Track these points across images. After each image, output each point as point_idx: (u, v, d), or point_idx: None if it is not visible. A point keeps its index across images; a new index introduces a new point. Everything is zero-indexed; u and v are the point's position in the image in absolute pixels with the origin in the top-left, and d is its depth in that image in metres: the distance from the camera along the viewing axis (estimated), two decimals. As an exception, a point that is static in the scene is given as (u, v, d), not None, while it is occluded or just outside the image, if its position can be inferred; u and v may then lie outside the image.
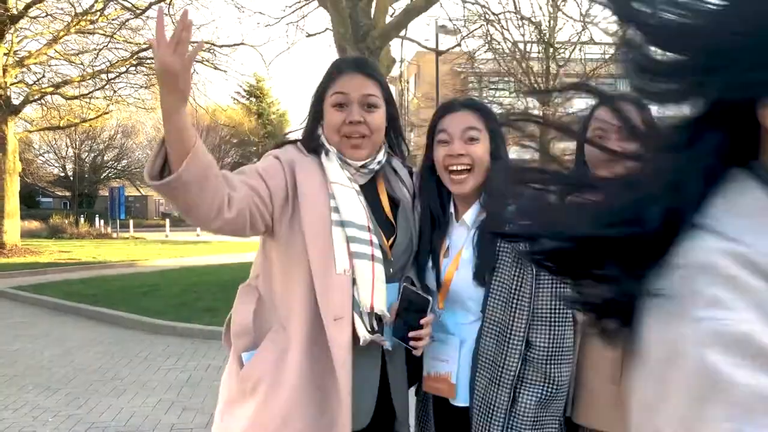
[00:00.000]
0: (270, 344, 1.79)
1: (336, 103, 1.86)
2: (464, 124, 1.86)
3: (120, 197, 28.59)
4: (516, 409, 1.74)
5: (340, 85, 1.86)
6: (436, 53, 16.67)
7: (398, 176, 2.01)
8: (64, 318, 9.17)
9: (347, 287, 1.77)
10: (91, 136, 39.55)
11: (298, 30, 14.09)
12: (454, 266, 1.88)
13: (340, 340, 1.74)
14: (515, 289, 1.75)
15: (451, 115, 1.90)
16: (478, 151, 1.84)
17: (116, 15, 16.52)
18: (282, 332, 1.79)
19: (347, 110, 1.85)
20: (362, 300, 1.77)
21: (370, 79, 1.88)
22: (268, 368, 1.76)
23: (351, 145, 1.86)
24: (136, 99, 20.66)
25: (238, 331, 1.84)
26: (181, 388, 5.68)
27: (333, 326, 1.74)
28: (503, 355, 1.75)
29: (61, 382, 5.92)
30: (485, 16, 13.89)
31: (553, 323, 1.74)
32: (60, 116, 20.21)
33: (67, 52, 17.80)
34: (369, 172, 1.92)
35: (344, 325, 1.76)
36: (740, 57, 0.55)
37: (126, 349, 7.22)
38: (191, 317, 8.29)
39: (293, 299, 1.78)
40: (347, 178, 1.86)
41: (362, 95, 1.85)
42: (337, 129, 1.85)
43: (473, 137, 1.84)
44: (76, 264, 14.84)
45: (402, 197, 1.98)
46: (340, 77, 1.88)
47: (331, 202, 1.81)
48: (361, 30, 8.63)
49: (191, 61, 1.49)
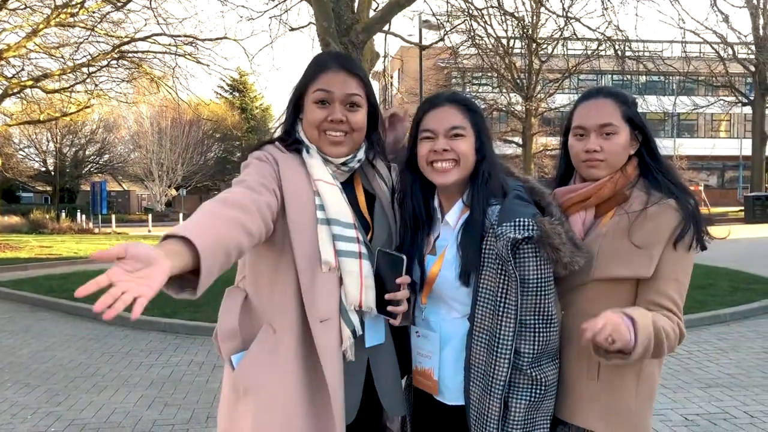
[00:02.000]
0: (258, 347, 1.78)
1: (318, 100, 1.84)
2: (449, 121, 1.85)
3: (102, 192, 28.36)
4: (508, 416, 1.75)
5: (324, 82, 1.84)
6: (419, 48, 16.64)
7: (376, 170, 2.00)
8: (45, 314, 9.08)
9: (334, 287, 1.76)
10: (72, 131, 39.15)
11: (281, 24, 13.99)
12: (438, 265, 1.88)
13: (326, 341, 1.73)
14: (501, 297, 1.74)
15: (435, 111, 1.89)
16: (462, 146, 1.83)
17: (97, 8, 16.31)
18: (271, 333, 1.77)
19: (329, 108, 1.83)
20: (350, 297, 1.76)
21: (354, 77, 1.86)
22: (258, 371, 1.75)
23: (330, 141, 1.84)
24: (117, 93, 20.43)
25: (224, 336, 1.83)
26: (164, 384, 5.64)
27: (319, 328, 1.73)
28: (493, 364, 1.75)
29: (41, 378, 5.86)
30: (468, 11, 13.88)
31: (539, 330, 1.73)
32: (40, 110, 19.94)
33: (47, 45, 17.56)
34: (349, 170, 1.91)
35: (331, 326, 1.75)
36: None
37: (107, 344, 7.16)
38: (174, 312, 8.24)
39: (281, 300, 1.77)
40: (330, 175, 1.84)
41: (345, 94, 1.84)
42: (316, 125, 1.84)
43: (458, 134, 1.84)
44: (57, 259, 14.67)
45: (379, 192, 1.97)
46: (323, 74, 1.85)
47: (316, 199, 1.79)
48: (344, 24, 8.60)
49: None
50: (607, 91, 1.95)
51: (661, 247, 1.75)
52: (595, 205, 1.88)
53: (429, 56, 23.28)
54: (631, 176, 1.88)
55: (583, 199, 1.88)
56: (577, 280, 1.81)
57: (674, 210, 1.76)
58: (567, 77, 26.40)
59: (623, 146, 1.88)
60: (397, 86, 31.26)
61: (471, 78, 27.69)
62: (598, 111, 1.89)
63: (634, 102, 1.94)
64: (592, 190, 1.87)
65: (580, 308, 1.83)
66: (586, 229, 1.88)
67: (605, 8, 12.99)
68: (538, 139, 31.31)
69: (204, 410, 4.89)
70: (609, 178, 1.86)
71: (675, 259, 1.76)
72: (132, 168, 44.67)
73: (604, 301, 1.77)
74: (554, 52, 23.14)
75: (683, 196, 1.80)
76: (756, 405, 4.87)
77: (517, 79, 26.31)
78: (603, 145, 1.86)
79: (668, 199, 1.78)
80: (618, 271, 1.78)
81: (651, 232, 1.76)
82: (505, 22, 19.51)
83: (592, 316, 1.62)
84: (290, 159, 1.84)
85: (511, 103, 27.50)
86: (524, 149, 27.38)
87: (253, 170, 1.77)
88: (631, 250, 1.76)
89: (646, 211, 1.78)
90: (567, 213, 1.89)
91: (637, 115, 1.91)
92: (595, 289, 1.81)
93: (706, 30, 24.30)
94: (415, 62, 20.29)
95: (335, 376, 1.74)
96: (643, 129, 1.91)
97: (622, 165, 1.88)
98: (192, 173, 44.26)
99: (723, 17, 23.93)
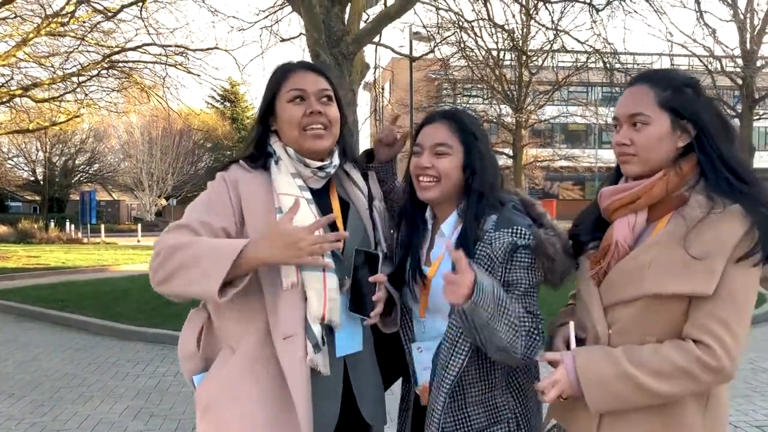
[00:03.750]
0: (217, 368, 1.79)
1: (293, 98, 1.87)
2: (435, 139, 1.89)
3: (91, 201, 28.22)
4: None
5: (295, 82, 1.88)
6: (410, 59, 16.72)
7: (350, 178, 2.01)
8: (31, 324, 9.01)
9: (297, 303, 1.75)
10: (62, 140, 38.93)
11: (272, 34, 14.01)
12: (432, 273, 1.90)
13: (291, 357, 1.72)
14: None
15: (428, 126, 1.94)
16: (444, 165, 1.86)
17: (87, 17, 16.28)
18: (230, 354, 1.78)
19: (306, 103, 1.86)
20: (313, 312, 1.75)
21: (322, 76, 1.92)
22: (215, 392, 1.75)
23: (313, 135, 1.86)
24: (107, 102, 20.34)
25: (183, 356, 1.86)
26: (150, 395, 5.61)
27: (282, 345, 1.73)
28: (449, 357, 1.77)
29: (26, 389, 5.82)
30: (459, 23, 13.96)
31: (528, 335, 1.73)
32: (29, 119, 19.84)
33: (36, 54, 17.49)
34: (325, 175, 1.92)
35: (297, 342, 1.73)
36: None
37: (94, 355, 7.12)
38: (162, 323, 8.20)
39: (245, 319, 1.77)
40: (298, 187, 1.84)
41: (318, 89, 1.89)
42: (297, 122, 1.85)
43: (441, 153, 1.87)
44: (45, 269, 14.57)
45: (355, 199, 1.98)
46: (292, 75, 1.89)
47: (278, 216, 1.78)
48: (334, 35, 8.63)
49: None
50: (647, 75, 1.71)
51: (724, 260, 1.50)
52: (647, 208, 1.65)
53: (420, 68, 23.37)
54: (688, 175, 1.62)
55: (631, 201, 1.65)
56: (624, 294, 1.62)
57: (740, 216, 1.50)
58: (557, 89, 26.54)
59: (658, 138, 1.62)
60: (388, 97, 31.33)
61: (462, 89, 27.78)
62: (630, 99, 1.67)
63: (685, 85, 1.66)
64: (641, 190, 1.63)
65: (625, 327, 1.63)
66: (637, 234, 1.65)
67: (594, 21, 13.18)
68: (529, 151, 31.41)
69: (190, 421, 4.86)
70: (661, 176, 1.62)
71: (736, 276, 1.51)
72: (122, 177, 44.46)
73: (652, 321, 1.59)
74: (544, 64, 23.26)
75: (751, 201, 1.53)
76: (740, 416, 4.90)
77: (507, 91, 26.41)
78: (633, 137, 1.64)
79: (733, 205, 1.52)
80: (673, 286, 1.54)
81: (711, 242, 1.51)
82: (495, 35, 19.60)
83: (640, 336, 1.57)
84: (254, 177, 1.85)
85: (501, 114, 27.59)
86: (515, 161, 27.46)
87: (203, 205, 1.80)
88: (689, 261, 1.52)
89: (707, 217, 1.52)
90: (613, 216, 1.69)
91: (686, 103, 1.62)
92: (644, 306, 1.59)
93: (694, 43, 24.44)
94: (405, 73, 20.34)
95: (302, 391, 1.72)
96: (694, 119, 1.61)
97: (675, 161, 1.63)
98: (182, 183, 44.10)
99: (710, 31, 24.07)
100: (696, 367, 1.50)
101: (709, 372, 1.50)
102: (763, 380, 5.84)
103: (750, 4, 26.46)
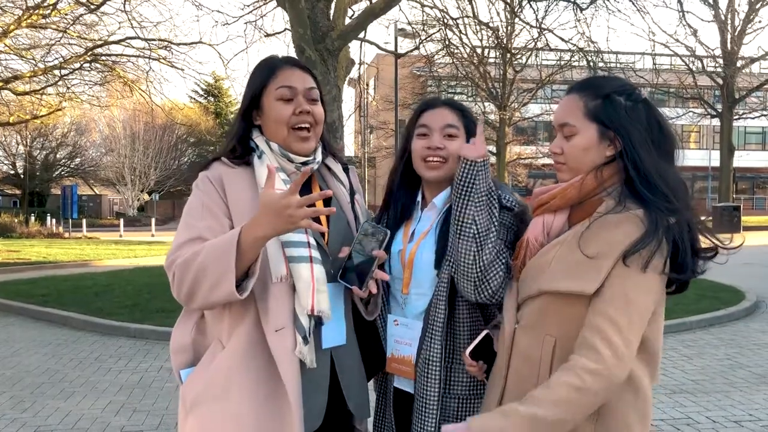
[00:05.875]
0: (206, 362, 1.79)
1: (282, 97, 1.86)
2: (444, 120, 1.99)
3: (73, 196, 27.91)
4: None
5: (284, 79, 1.87)
6: (395, 56, 16.73)
7: (332, 172, 2.03)
8: (11, 319, 8.93)
9: (286, 296, 1.77)
10: (43, 133, 38.57)
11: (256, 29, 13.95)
12: (415, 247, 1.99)
13: (282, 350, 1.73)
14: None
15: (432, 111, 2.02)
16: (455, 146, 1.95)
17: (70, 10, 16.12)
18: (219, 349, 1.78)
19: (294, 102, 1.86)
20: (302, 303, 1.76)
21: (308, 73, 1.92)
22: (203, 386, 1.76)
23: (300, 137, 1.86)
24: (90, 96, 20.17)
25: (175, 348, 1.86)
26: (133, 390, 5.59)
27: (274, 337, 1.73)
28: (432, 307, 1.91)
29: (6, 384, 5.77)
30: (444, 20, 14.01)
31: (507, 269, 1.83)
32: (10, 112, 19.62)
33: (17, 47, 17.29)
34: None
35: (287, 334, 1.74)
36: None
37: (76, 350, 7.08)
38: (144, 318, 8.16)
39: (236, 312, 1.77)
40: (282, 180, 1.84)
41: (306, 88, 1.88)
42: (285, 121, 1.85)
43: (451, 134, 1.97)
44: (25, 264, 14.44)
45: (337, 193, 2.00)
46: (281, 72, 1.88)
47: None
48: (320, 31, 8.63)
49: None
50: (580, 84, 1.72)
51: (612, 261, 1.50)
52: (568, 210, 1.69)
53: (404, 64, 23.39)
54: (608, 181, 1.63)
55: (548, 201, 1.71)
56: (530, 290, 1.66)
57: (637, 221, 1.51)
58: (540, 87, 26.72)
59: (584, 148, 1.64)
60: (372, 94, 31.33)
61: (446, 86, 27.85)
62: (561, 108, 1.69)
63: (618, 93, 1.64)
64: (557, 191, 1.69)
65: (528, 324, 1.66)
66: (554, 234, 1.69)
67: (578, 20, 13.24)
68: (512, 148, 31.59)
69: (173, 416, 4.86)
70: (578, 179, 1.65)
71: (626, 278, 1.50)
72: (104, 172, 44.10)
73: (555, 318, 1.60)
74: (528, 62, 23.39)
75: (659, 211, 1.52)
76: (718, 410, 4.98)
77: (491, 89, 26.54)
78: (563, 146, 1.67)
79: (637, 210, 1.52)
80: (564, 283, 1.56)
81: (603, 243, 1.52)
82: (479, 32, 19.72)
83: (540, 334, 1.60)
84: (238, 173, 1.85)
85: (485, 112, 27.72)
86: (498, 158, 27.60)
87: (198, 210, 1.81)
88: (582, 260, 1.53)
89: (604, 218, 1.55)
90: (534, 214, 1.75)
91: (613, 114, 1.62)
92: (545, 303, 1.62)
93: (677, 43, 24.72)
94: (390, 70, 20.37)
95: (294, 382, 1.74)
96: (619, 131, 1.61)
97: (598, 168, 1.63)
98: (165, 178, 43.84)
99: (692, 31, 24.36)
100: (582, 375, 1.47)
101: (593, 375, 1.46)
102: (740, 376, 5.93)
103: (731, 5, 26.73)
